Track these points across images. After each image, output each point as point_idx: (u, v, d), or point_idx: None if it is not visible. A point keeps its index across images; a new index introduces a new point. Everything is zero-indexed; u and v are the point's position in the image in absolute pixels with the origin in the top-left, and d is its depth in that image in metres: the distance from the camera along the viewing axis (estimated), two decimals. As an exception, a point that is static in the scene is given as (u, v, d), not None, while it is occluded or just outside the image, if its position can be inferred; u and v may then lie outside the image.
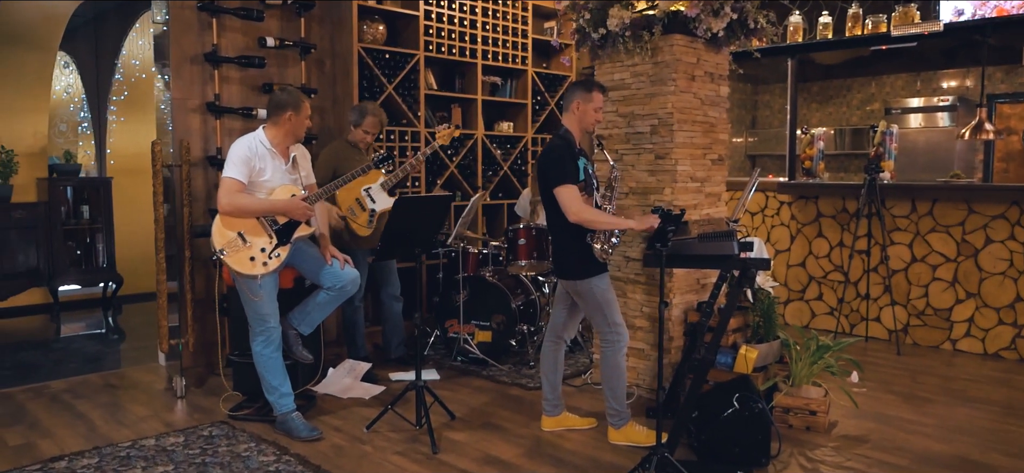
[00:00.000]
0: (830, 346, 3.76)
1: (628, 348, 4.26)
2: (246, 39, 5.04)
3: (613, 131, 4.36)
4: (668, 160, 4.12)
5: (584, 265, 3.41)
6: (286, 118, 3.65)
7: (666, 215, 2.75)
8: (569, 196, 3.33)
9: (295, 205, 3.62)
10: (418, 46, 5.73)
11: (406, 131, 5.70)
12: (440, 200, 3.71)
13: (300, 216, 3.64)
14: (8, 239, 6.31)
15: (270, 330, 3.68)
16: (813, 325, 6.10)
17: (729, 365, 3.93)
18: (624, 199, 4.33)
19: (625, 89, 4.29)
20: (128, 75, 7.61)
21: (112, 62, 7.47)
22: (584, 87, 3.52)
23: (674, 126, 4.08)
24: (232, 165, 3.58)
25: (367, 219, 4.59)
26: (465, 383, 4.59)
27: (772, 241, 6.29)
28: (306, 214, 3.65)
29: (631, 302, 4.30)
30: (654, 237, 2.83)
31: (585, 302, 3.51)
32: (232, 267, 3.57)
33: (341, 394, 4.34)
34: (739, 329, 4.07)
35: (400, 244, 3.54)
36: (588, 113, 3.51)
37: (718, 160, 4.43)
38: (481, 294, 4.97)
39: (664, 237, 2.77)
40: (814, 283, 6.08)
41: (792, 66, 6.23)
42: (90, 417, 3.98)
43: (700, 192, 4.30)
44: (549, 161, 3.42)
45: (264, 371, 3.72)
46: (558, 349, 3.74)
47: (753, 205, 6.39)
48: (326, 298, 3.88)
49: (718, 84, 4.38)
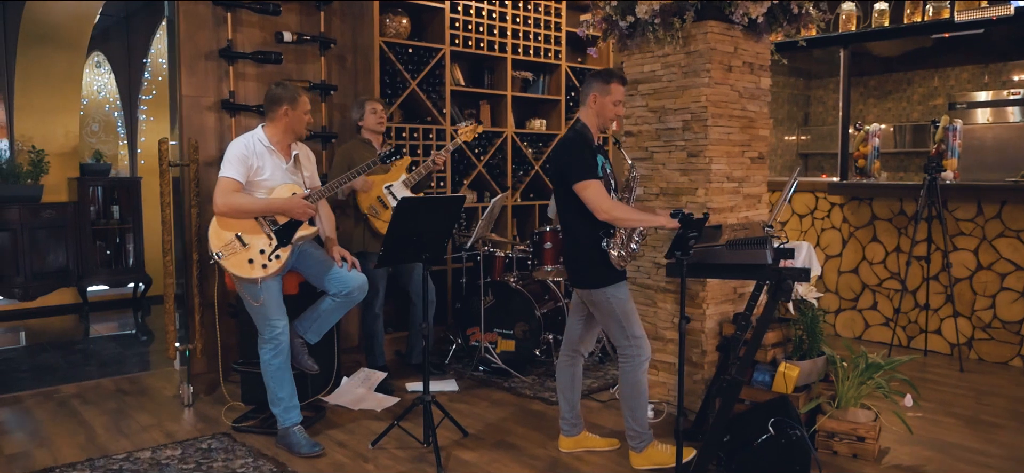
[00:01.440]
0: (881, 365, 3.37)
1: (659, 362, 3.97)
2: (263, 34, 4.88)
3: (643, 127, 4.04)
4: (701, 158, 3.78)
5: (599, 272, 3.10)
6: (282, 113, 3.47)
7: (686, 219, 2.43)
8: (596, 192, 3.02)
9: (295, 204, 3.43)
10: (444, 40, 5.49)
11: (430, 128, 5.46)
12: (450, 201, 3.45)
13: (300, 215, 3.44)
14: (37, 239, 6.30)
15: (278, 337, 3.48)
16: (867, 337, 5.65)
17: (767, 384, 3.58)
18: (653, 200, 4.00)
19: (656, 81, 3.96)
20: (156, 74, 7.58)
21: (142, 61, 7.45)
22: (602, 78, 3.21)
23: (708, 121, 3.74)
24: (228, 164, 3.43)
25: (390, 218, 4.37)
26: (484, 396, 4.33)
27: (822, 246, 5.86)
28: (307, 213, 3.45)
29: (661, 312, 3.97)
30: (674, 244, 2.51)
31: (600, 313, 3.20)
32: (230, 270, 3.38)
33: (352, 405, 4.12)
34: (779, 344, 3.71)
35: (405, 250, 3.29)
36: (606, 107, 3.20)
37: (758, 158, 4.07)
38: (505, 301, 4.70)
39: (685, 244, 2.45)
40: (868, 291, 5.63)
41: (845, 57, 5.79)
42: (93, 425, 3.85)
43: (737, 193, 3.95)
44: (567, 155, 3.13)
45: (271, 381, 3.52)
46: (575, 363, 3.44)
47: (801, 207, 5.97)
48: (332, 305, 3.67)
49: (758, 75, 4.01)
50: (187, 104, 4.62)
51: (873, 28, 5.53)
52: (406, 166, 4.56)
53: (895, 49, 7.84)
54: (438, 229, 3.41)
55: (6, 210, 6.19)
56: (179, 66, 4.60)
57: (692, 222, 2.44)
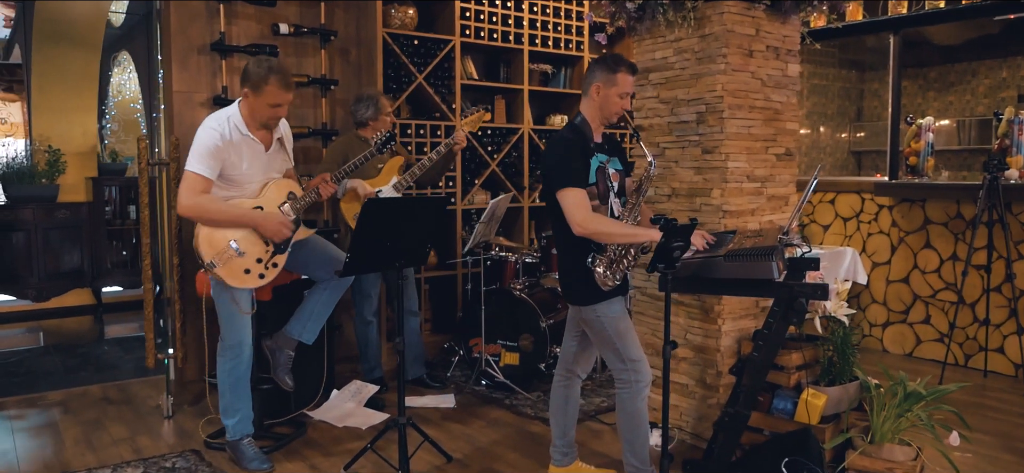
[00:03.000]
0: (922, 395, 2.90)
1: (672, 383, 3.56)
2: (260, 27, 4.63)
3: (654, 120, 3.64)
4: (717, 155, 3.36)
5: (588, 288, 2.72)
6: (244, 94, 3.11)
7: (669, 228, 2.04)
8: (573, 202, 2.66)
9: (270, 224, 3.08)
10: (453, 31, 5.16)
11: (439, 125, 5.15)
12: (428, 203, 3.13)
13: (273, 235, 3.10)
14: (51, 239, 6.23)
15: (243, 346, 3.21)
16: (918, 354, 5.10)
17: (789, 413, 3.14)
18: (665, 202, 3.59)
19: (668, 69, 3.55)
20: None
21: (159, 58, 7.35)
22: (607, 66, 2.83)
23: (724, 113, 3.32)
24: (196, 157, 3.00)
25: None
26: (481, 414, 3.98)
27: (868, 252, 5.33)
28: (281, 234, 3.10)
29: (674, 327, 3.55)
30: (656, 256, 2.12)
31: (593, 333, 2.83)
32: (226, 280, 3.08)
33: (336, 422, 3.83)
34: (805, 366, 3.26)
35: (375, 256, 2.97)
36: (610, 99, 2.81)
37: (785, 155, 3.62)
38: (508, 310, 4.35)
39: (668, 256, 2.06)
40: (920, 303, 5.08)
41: (895, 44, 5.25)
42: (64, 438, 3.65)
43: (760, 194, 3.51)
44: (551, 157, 2.77)
45: (229, 391, 3.25)
46: (570, 386, 3.07)
47: (846, 209, 5.44)
48: (326, 295, 3.40)
49: (785, 61, 3.56)
50: (178, 100, 4.40)
51: (927, 11, 4.97)
52: (398, 167, 4.25)
53: (956, 36, 7.19)
54: (416, 233, 3.08)
55: (21, 210, 6.13)
56: (169, 60, 4.39)
57: (676, 230, 2.05)
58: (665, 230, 2.03)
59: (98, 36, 6.46)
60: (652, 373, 3.65)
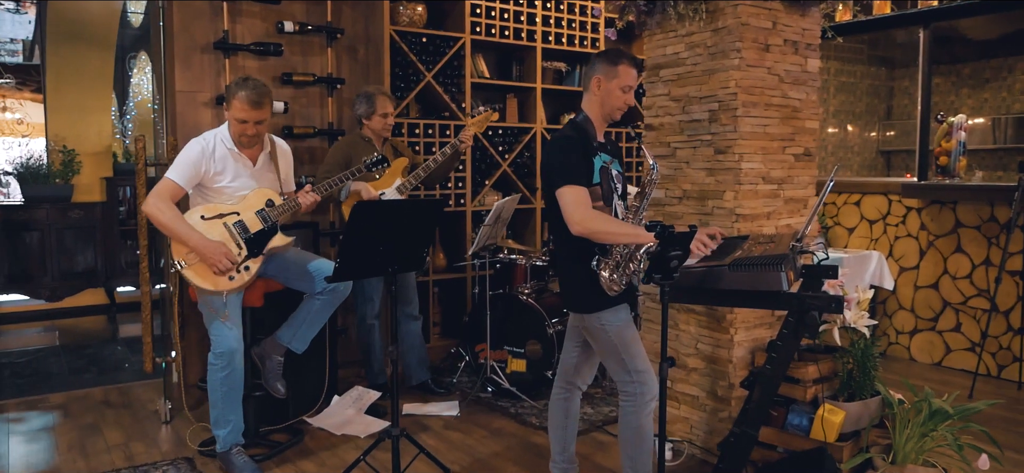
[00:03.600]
0: (949, 413, 2.70)
1: (681, 394, 3.40)
2: (265, 25, 4.55)
3: (665, 119, 3.47)
4: (730, 155, 3.18)
5: (591, 294, 2.57)
6: (224, 110, 3.10)
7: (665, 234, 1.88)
8: (573, 200, 2.51)
9: (209, 251, 3.01)
10: (463, 28, 5.03)
11: (448, 124, 5.02)
12: (423, 206, 3.00)
13: (214, 265, 3.01)
14: (65, 239, 6.22)
15: (232, 354, 3.11)
16: (947, 363, 4.86)
17: (804, 429, 2.96)
18: (676, 205, 3.43)
19: (679, 65, 3.39)
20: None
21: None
22: (607, 59, 2.68)
23: (738, 111, 3.14)
24: (175, 165, 3.11)
25: None
26: (484, 423, 3.85)
27: (895, 256, 5.09)
28: (217, 265, 3.01)
29: (684, 336, 3.39)
30: (652, 266, 1.97)
31: (596, 342, 2.68)
32: (194, 281, 3.03)
33: (335, 429, 3.72)
34: (824, 379, 3.07)
35: (368, 261, 2.85)
36: (612, 94, 2.67)
37: (804, 155, 3.43)
38: (515, 315, 4.21)
39: (665, 266, 1.90)
40: (950, 311, 4.84)
41: (924, 38, 5.00)
42: (59, 443, 3.59)
43: (776, 197, 3.33)
44: (552, 156, 2.63)
45: (220, 401, 3.15)
46: (570, 398, 2.92)
47: (872, 211, 5.21)
48: (319, 304, 3.30)
49: (804, 56, 3.37)
50: (182, 100, 4.33)
51: (959, 3, 4.73)
52: (402, 169, 4.13)
53: (991, 30, 6.90)
54: (412, 237, 2.96)
55: (35, 210, 6.13)
56: (172, 60, 4.33)
57: (673, 239, 1.89)
58: (661, 238, 1.87)
59: (112, 36, 6.45)
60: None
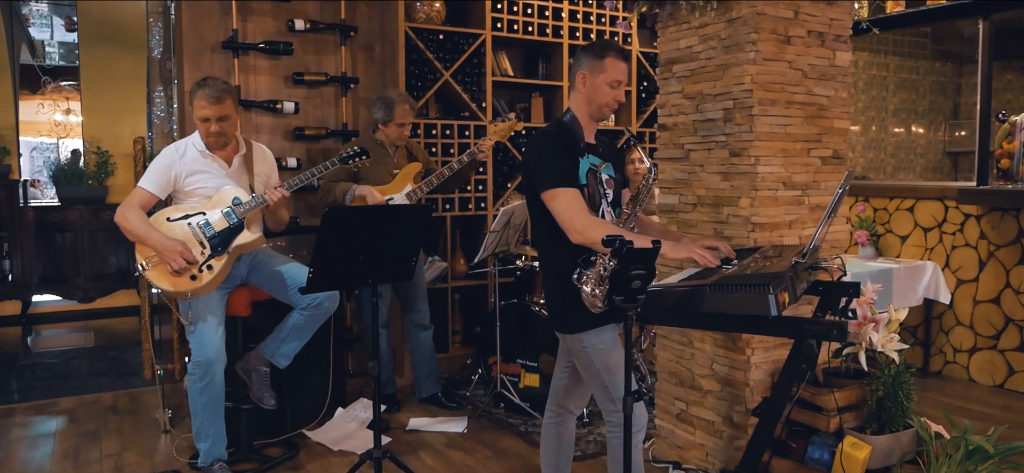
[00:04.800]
0: (990, 453, 2.36)
1: (695, 417, 3.13)
2: (276, 23, 4.45)
3: (678, 118, 3.20)
4: (745, 158, 2.89)
5: (574, 312, 2.33)
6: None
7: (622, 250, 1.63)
8: (567, 205, 2.28)
9: (167, 249, 2.93)
10: (484, 24, 4.83)
11: (467, 125, 4.83)
12: (408, 212, 2.81)
13: (169, 261, 2.93)
14: (98, 240, 6.29)
15: (210, 364, 2.98)
16: (1010, 386, 4.41)
17: (825, 463, 2.65)
18: (690, 212, 3.15)
19: (692, 60, 3.11)
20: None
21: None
22: (593, 52, 2.45)
23: (754, 109, 2.85)
24: (147, 173, 3.10)
25: None
26: (490, 441, 3.63)
27: (952, 267, 4.66)
28: (172, 263, 2.93)
29: (699, 354, 3.11)
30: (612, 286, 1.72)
31: (580, 365, 2.44)
32: (155, 283, 2.96)
33: (333, 444, 3.57)
34: (850, 407, 2.75)
35: (344, 271, 2.67)
36: (599, 89, 2.43)
37: (833, 158, 3.11)
38: (528, 326, 3.99)
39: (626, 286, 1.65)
40: (1013, 327, 4.39)
41: (984, 31, 4.56)
42: (55, 451, 3.54)
43: (800, 204, 3.01)
44: (533, 157, 2.40)
45: (200, 412, 3.04)
46: (563, 423, 2.68)
47: (926, 218, 4.78)
48: (301, 320, 3.17)
49: (832, 49, 3.05)
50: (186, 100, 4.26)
51: (1024, -10, 4.28)
52: (414, 174, 3.96)
53: (1067, 20, 6.30)
54: (396, 245, 2.77)
55: (69, 211, 6.21)
56: (181, 59, 4.26)
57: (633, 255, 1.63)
58: (618, 255, 1.62)
59: (143, 36, 6.48)
60: (678, 405, 3.24)
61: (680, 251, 2.18)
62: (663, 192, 3.28)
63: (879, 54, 7.18)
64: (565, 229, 2.28)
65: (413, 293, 4.06)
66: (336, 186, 3.83)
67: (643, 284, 1.66)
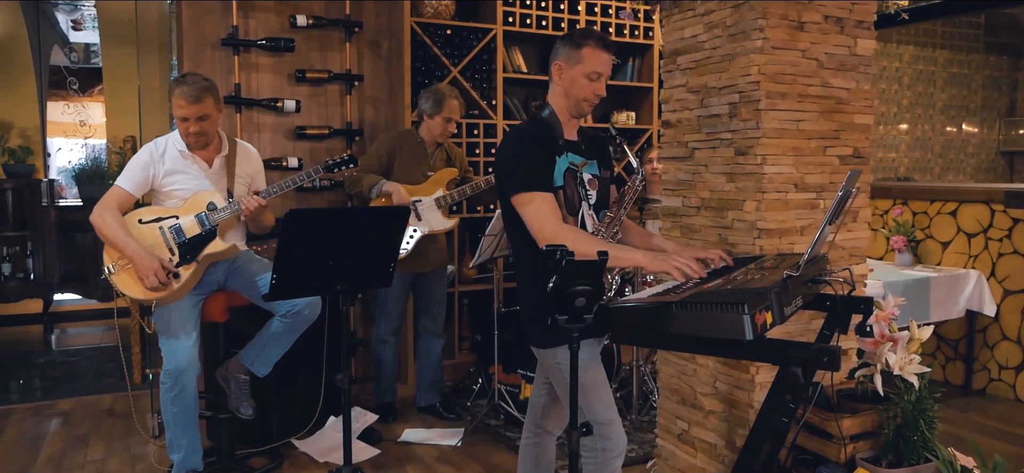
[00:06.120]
0: (1022, 495, 2.06)
1: (697, 439, 2.89)
2: (279, 20, 4.33)
3: (683, 114, 2.95)
4: (751, 157, 2.63)
5: (545, 326, 2.12)
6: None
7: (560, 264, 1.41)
8: (538, 211, 2.09)
9: (141, 263, 2.80)
10: (495, 19, 4.64)
11: (477, 124, 4.65)
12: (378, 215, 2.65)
13: (143, 275, 2.80)
14: (118, 239, 6.29)
15: (180, 373, 2.86)
16: (1063, 408, 4.03)
17: (834, 497, 2.37)
18: (694, 216, 2.90)
19: (697, 51, 2.86)
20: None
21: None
22: (570, 41, 2.26)
23: (761, 103, 2.59)
24: (124, 172, 2.99)
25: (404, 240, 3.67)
26: (483, 457, 3.44)
27: (998, 277, 4.28)
28: (144, 281, 2.80)
29: (701, 371, 2.86)
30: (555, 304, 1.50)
31: (555, 382, 2.23)
32: (119, 289, 2.85)
33: (319, 456, 3.42)
34: (865, 435, 2.47)
35: (309, 278, 2.51)
36: (577, 81, 2.24)
37: (854, 157, 2.82)
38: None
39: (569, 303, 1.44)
40: (1067, 344, 4.01)
41: (1037, 16, 4.17)
42: (41, 455, 3.48)
43: (814, 208, 2.74)
44: (504, 156, 2.21)
45: (172, 422, 2.92)
46: (541, 444, 2.47)
47: (970, 223, 4.41)
48: (281, 327, 3.03)
49: (853, 36, 2.76)
50: (191, 99, 4.17)
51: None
52: (448, 181, 3.80)
53: None
54: (368, 250, 2.60)
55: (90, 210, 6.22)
56: (182, 57, 4.18)
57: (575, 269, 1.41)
58: (557, 268, 1.40)
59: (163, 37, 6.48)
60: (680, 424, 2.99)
61: (659, 263, 1.95)
62: (666, 194, 3.03)
63: (926, 47, 6.75)
64: (535, 235, 2.08)
65: (433, 299, 3.93)
66: (364, 178, 3.69)
67: (589, 301, 1.44)
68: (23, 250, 6.24)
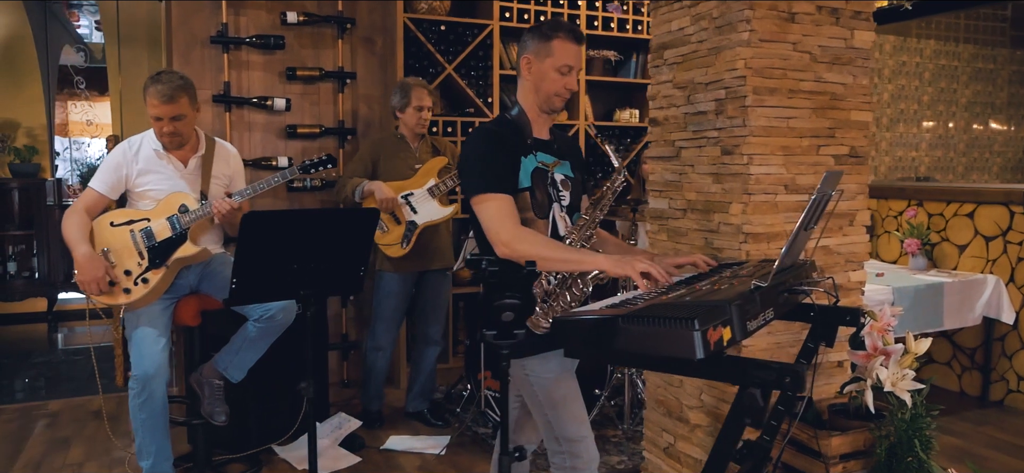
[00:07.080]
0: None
1: (683, 454, 2.74)
2: (271, 17, 4.25)
3: (669, 111, 2.81)
4: (737, 156, 2.48)
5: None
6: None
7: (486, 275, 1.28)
8: (495, 213, 1.96)
9: (86, 268, 2.71)
10: (491, 14, 4.52)
11: (471, 122, 4.53)
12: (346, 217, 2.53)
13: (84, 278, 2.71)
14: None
15: (148, 379, 2.77)
16: (1085, 422, 3.80)
17: (821, 521, 2.22)
18: (680, 219, 2.75)
19: (684, 44, 2.71)
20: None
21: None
22: (539, 33, 2.12)
23: (748, 99, 2.44)
24: (97, 173, 2.92)
25: (401, 235, 3.57)
26: (466, 466, 3.32)
27: (1018, 282, 4.06)
28: (89, 290, 2.72)
29: (687, 383, 2.72)
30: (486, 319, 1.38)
31: (525, 395, 2.10)
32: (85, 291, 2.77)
33: (297, 463, 3.33)
34: (856, 454, 2.31)
35: (272, 282, 2.41)
36: (546, 75, 2.10)
37: (851, 157, 2.66)
38: (518, 340, 3.65)
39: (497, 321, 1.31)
40: (1090, 355, 3.78)
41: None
42: (20, 458, 3.43)
43: (806, 210, 2.57)
44: (466, 155, 2.09)
45: (140, 429, 2.83)
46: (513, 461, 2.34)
47: (988, 226, 4.19)
48: (255, 332, 2.94)
49: (849, 27, 2.60)
50: (180, 97, 4.11)
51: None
52: (439, 169, 3.70)
53: None
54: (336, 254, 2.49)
55: (95, 210, 6.23)
56: (171, 55, 4.12)
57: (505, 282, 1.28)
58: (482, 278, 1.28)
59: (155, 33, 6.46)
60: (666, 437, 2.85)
61: (621, 267, 1.81)
62: (653, 195, 2.90)
63: (949, 42, 6.49)
64: (491, 239, 1.95)
65: (434, 303, 3.83)
66: (348, 182, 3.62)
67: (518, 315, 1.32)
68: (29, 249, 6.27)
